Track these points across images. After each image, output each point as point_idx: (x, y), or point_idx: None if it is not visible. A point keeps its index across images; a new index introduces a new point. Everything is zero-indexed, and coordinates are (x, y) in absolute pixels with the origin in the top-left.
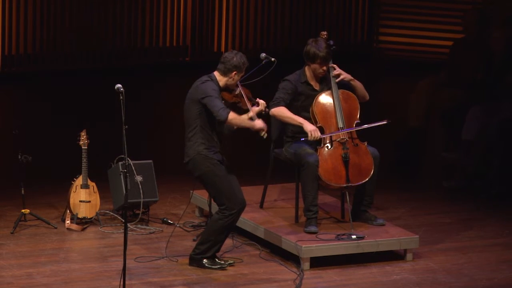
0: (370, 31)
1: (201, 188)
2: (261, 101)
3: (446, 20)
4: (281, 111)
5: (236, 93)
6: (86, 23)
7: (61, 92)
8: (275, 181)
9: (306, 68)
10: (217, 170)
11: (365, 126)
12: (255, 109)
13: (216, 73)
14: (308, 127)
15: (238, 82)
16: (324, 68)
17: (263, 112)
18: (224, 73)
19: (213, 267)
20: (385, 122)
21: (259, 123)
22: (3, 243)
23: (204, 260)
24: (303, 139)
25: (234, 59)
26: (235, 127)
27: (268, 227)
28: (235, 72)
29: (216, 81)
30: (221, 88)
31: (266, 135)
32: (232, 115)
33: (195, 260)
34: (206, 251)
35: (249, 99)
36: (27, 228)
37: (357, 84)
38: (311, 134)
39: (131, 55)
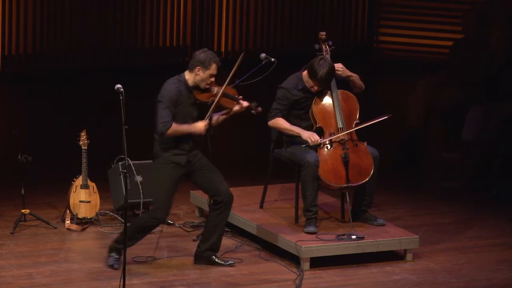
0: (370, 31)
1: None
2: (245, 103)
3: (446, 20)
4: (278, 123)
5: (214, 92)
6: (86, 23)
7: (61, 92)
8: (275, 181)
9: (304, 74)
10: (165, 173)
11: (365, 124)
12: (235, 108)
13: (186, 72)
14: (305, 134)
15: (228, 82)
16: (320, 89)
17: (252, 111)
18: (190, 69)
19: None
20: (386, 117)
21: (196, 127)
22: (3, 243)
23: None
24: (304, 145)
25: (201, 55)
26: (211, 131)
27: (268, 227)
28: (198, 67)
29: (183, 81)
30: (192, 87)
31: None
32: (172, 129)
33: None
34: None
35: (229, 97)
36: (27, 228)
37: (354, 76)
38: (311, 140)
39: (131, 55)
